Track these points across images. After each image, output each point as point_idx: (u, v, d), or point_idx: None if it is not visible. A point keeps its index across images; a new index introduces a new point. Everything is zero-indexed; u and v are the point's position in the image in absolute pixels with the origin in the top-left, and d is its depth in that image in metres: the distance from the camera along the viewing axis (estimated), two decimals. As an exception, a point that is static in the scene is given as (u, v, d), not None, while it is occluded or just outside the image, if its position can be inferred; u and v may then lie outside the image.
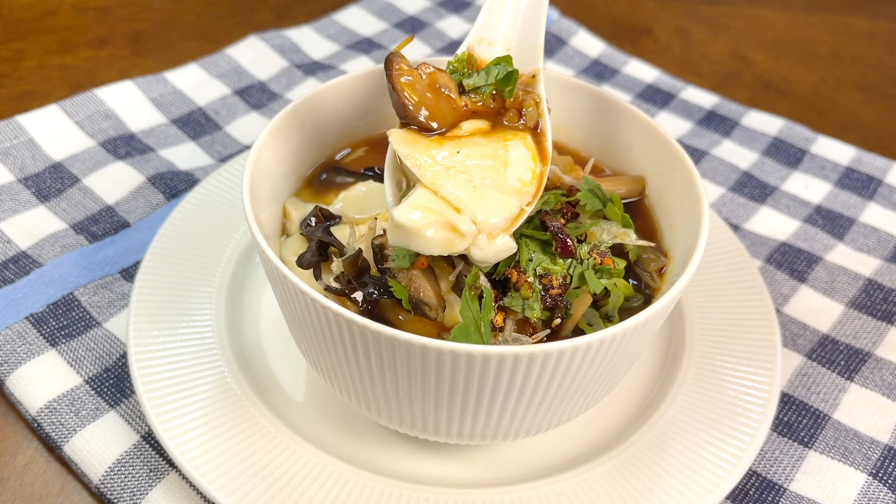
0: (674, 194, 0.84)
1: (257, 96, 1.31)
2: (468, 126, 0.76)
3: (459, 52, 0.82)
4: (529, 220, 0.75)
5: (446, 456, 0.84)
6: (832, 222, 1.17)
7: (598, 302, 0.76)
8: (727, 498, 0.84)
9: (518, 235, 0.74)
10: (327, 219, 0.82)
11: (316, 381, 0.90)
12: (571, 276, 0.75)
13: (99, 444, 0.83)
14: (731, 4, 1.69)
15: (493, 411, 0.70)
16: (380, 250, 0.77)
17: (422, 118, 0.74)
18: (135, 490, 0.80)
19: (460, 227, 0.68)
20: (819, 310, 1.04)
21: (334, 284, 0.77)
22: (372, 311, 0.76)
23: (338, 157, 0.92)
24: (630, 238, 0.79)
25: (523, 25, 0.84)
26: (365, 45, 1.46)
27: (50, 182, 1.10)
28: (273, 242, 0.81)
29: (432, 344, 0.63)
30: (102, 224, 1.06)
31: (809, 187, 1.23)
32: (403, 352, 0.64)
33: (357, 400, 0.75)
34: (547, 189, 0.79)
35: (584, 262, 0.75)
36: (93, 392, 0.88)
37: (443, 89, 0.76)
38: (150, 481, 0.81)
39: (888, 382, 0.95)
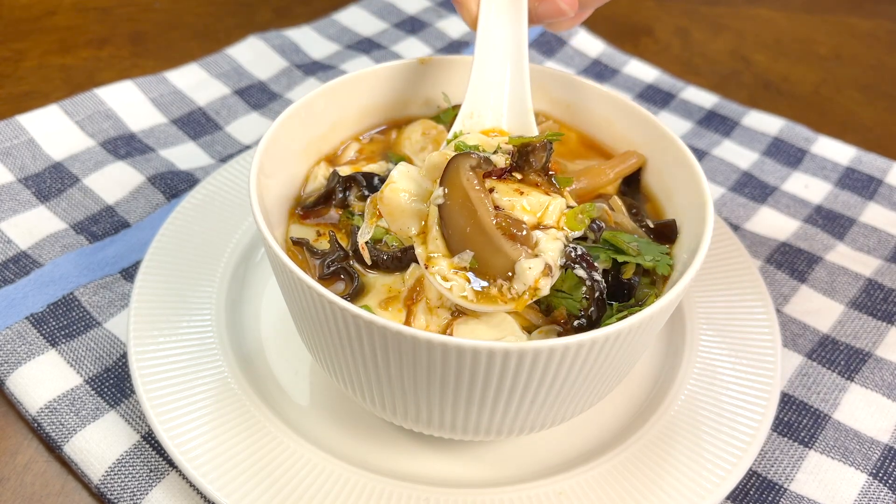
0: (679, 195, 0.84)
1: (257, 96, 1.31)
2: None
3: (456, 129, 0.84)
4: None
5: (447, 454, 0.84)
6: (832, 222, 1.17)
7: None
8: (727, 498, 0.84)
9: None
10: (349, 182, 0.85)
11: (317, 381, 0.90)
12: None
13: (99, 444, 0.83)
14: (731, 4, 1.69)
15: (497, 407, 0.70)
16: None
17: None
18: (135, 490, 0.80)
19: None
20: (819, 310, 1.04)
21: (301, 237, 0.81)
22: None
23: (339, 152, 0.92)
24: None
25: (510, 92, 0.86)
26: (365, 45, 1.46)
27: (50, 182, 1.10)
28: (277, 232, 0.82)
29: (437, 339, 0.63)
30: (102, 224, 1.06)
31: (809, 187, 1.23)
32: (409, 347, 0.64)
33: (361, 393, 0.75)
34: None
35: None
36: (93, 392, 0.88)
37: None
38: (151, 481, 0.81)
39: (888, 382, 0.95)
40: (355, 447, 0.83)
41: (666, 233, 0.82)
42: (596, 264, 0.71)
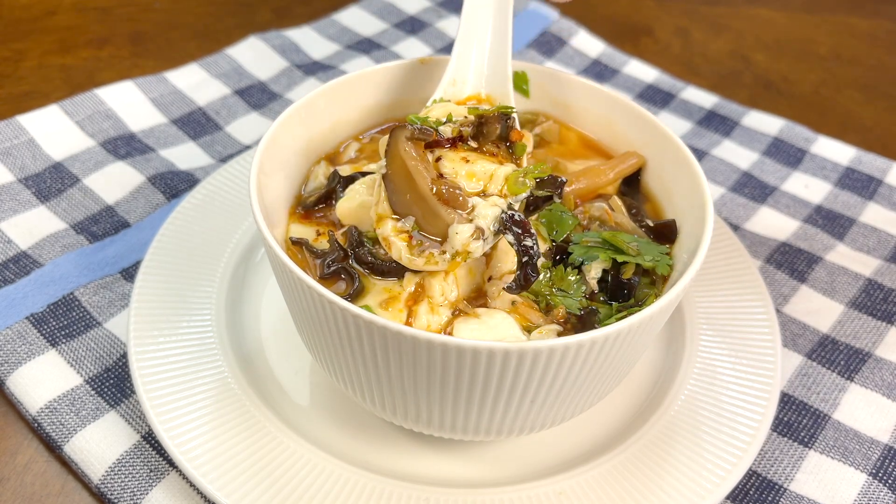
0: (679, 195, 0.84)
1: (257, 96, 1.32)
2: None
3: (437, 97, 0.85)
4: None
5: (447, 454, 0.84)
6: (832, 222, 1.17)
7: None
8: (727, 498, 0.84)
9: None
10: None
11: (317, 381, 0.90)
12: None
13: (99, 444, 0.83)
14: (731, 4, 1.69)
15: (497, 407, 0.70)
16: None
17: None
18: (135, 490, 0.80)
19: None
20: (819, 310, 1.04)
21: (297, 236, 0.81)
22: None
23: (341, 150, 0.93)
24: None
25: (491, 61, 0.88)
26: (365, 45, 1.46)
27: (50, 182, 1.10)
28: (277, 232, 0.82)
29: (438, 340, 0.63)
30: (103, 224, 1.06)
31: (809, 187, 1.23)
32: (409, 347, 0.64)
33: (361, 393, 0.75)
34: None
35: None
36: (93, 392, 0.88)
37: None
38: (151, 481, 0.81)
39: (888, 382, 0.95)
40: (355, 447, 0.83)
41: (666, 233, 0.82)
42: (532, 231, 0.71)
